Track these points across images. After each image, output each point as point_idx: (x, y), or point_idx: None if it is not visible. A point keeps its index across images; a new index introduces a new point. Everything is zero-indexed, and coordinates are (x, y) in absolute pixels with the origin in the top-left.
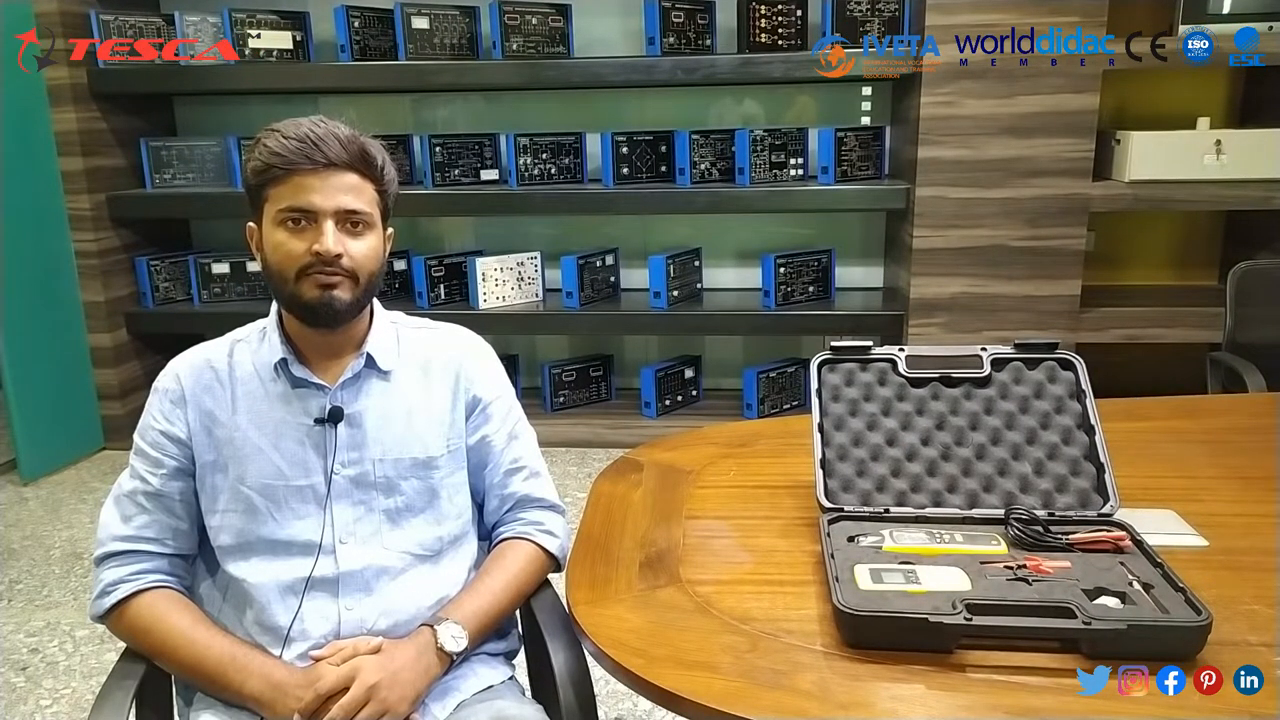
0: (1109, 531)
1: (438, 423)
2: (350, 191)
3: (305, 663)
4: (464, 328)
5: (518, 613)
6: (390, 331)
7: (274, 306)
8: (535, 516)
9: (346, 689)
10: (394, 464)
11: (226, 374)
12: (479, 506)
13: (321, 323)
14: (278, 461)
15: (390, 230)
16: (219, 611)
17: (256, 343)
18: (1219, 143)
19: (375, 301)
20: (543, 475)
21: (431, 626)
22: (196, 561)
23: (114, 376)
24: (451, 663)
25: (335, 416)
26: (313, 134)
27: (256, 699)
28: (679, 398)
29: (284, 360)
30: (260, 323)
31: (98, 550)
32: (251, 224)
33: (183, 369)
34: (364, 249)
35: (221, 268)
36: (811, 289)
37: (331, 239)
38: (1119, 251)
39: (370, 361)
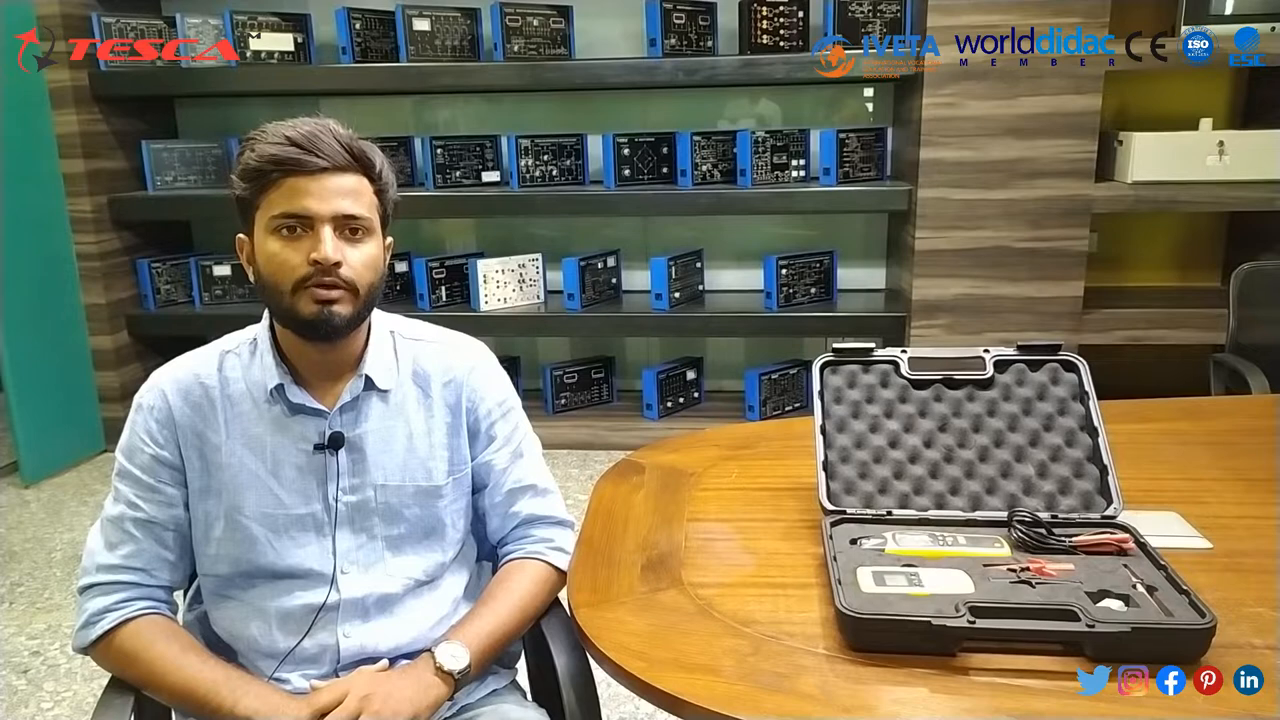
0: (1112, 534)
1: (441, 448)
2: (349, 195)
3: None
4: (464, 335)
5: None
6: (387, 344)
7: (265, 319)
8: (545, 534)
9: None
10: (396, 490)
11: (217, 391)
12: (480, 522)
13: (320, 338)
14: (276, 490)
15: (389, 240)
16: (213, 644)
17: (248, 356)
18: (1221, 144)
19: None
20: (551, 491)
21: (431, 649)
22: (188, 593)
23: (115, 379)
24: (457, 683)
25: (336, 443)
26: (306, 133)
27: (251, 717)
28: (680, 399)
29: (280, 385)
30: (250, 331)
31: (82, 579)
32: (241, 235)
33: (168, 385)
34: (363, 258)
35: (223, 270)
36: (813, 290)
37: (330, 246)
38: (1122, 253)
39: (369, 383)
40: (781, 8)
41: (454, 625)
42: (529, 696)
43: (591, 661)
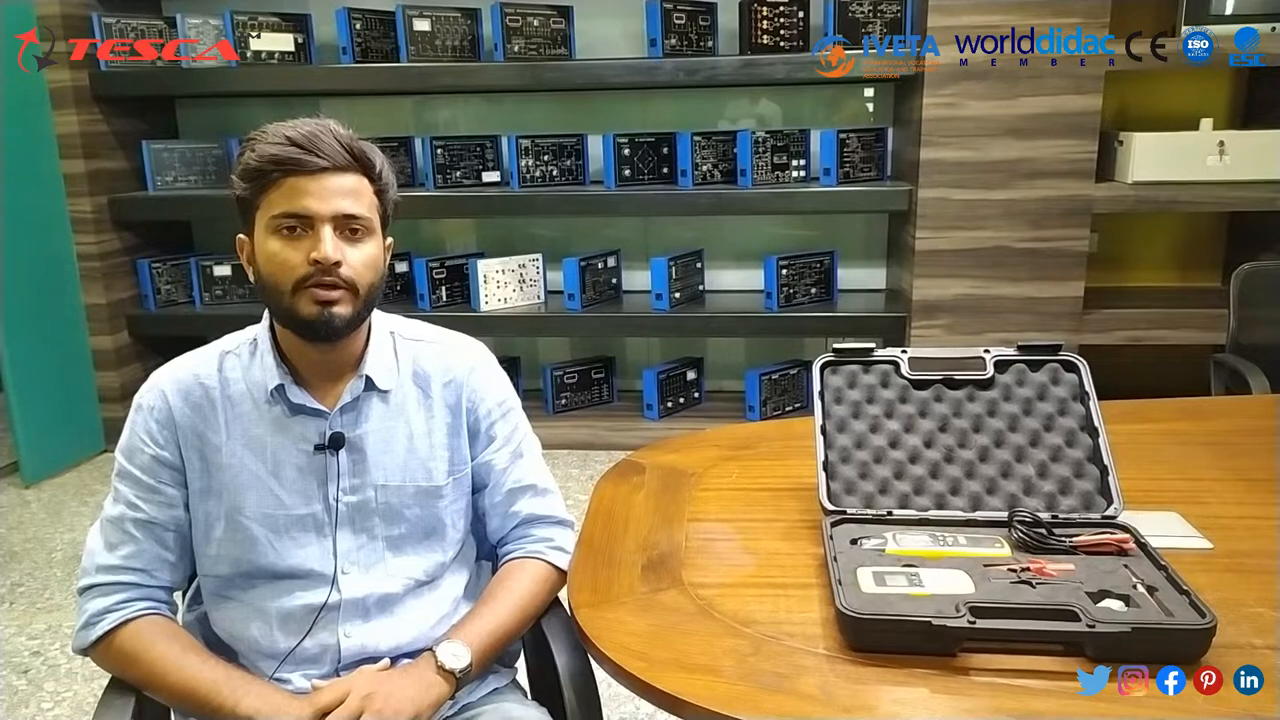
0: (1113, 534)
1: (441, 448)
2: (349, 195)
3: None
4: (464, 335)
5: None
6: (387, 344)
7: (265, 319)
8: (545, 533)
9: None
10: (396, 491)
11: (218, 392)
12: (480, 521)
13: (320, 339)
14: (277, 490)
15: (389, 240)
16: (213, 644)
17: (248, 357)
18: (1222, 144)
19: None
20: (551, 491)
21: (432, 648)
22: (188, 593)
23: (115, 379)
24: (458, 682)
25: (336, 443)
26: (306, 133)
27: (252, 716)
28: (681, 400)
29: (281, 385)
30: (250, 331)
31: (82, 580)
32: (242, 236)
33: (168, 386)
34: (363, 258)
35: (223, 270)
36: (814, 291)
37: (330, 245)
38: (1122, 253)
39: (369, 384)
40: (782, 8)
41: (455, 624)
42: (529, 695)
43: (592, 661)
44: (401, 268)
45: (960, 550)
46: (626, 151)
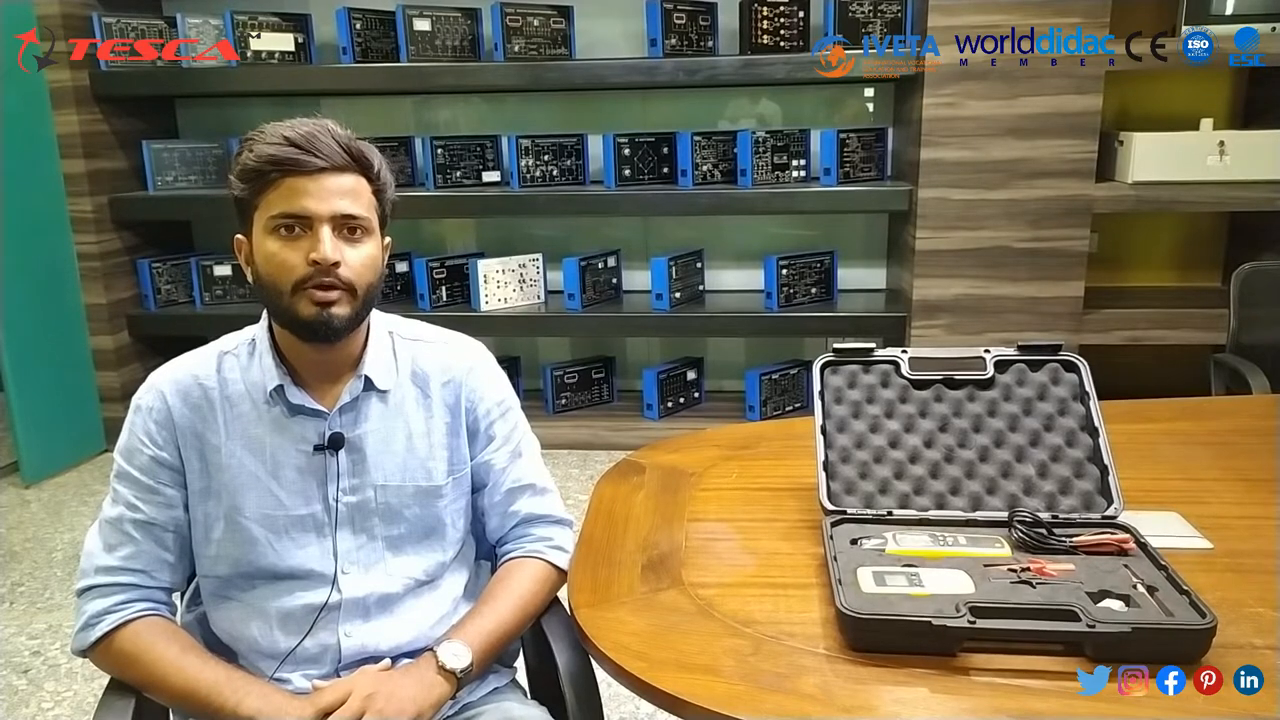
0: (1113, 534)
1: (440, 447)
2: (347, 195)
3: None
4: (463, 335)
5: None
6: (386, 344)
7: (264, 319)
8: (544, 532)
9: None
10: (396, 491)
11: (216, 393)
12: (479, 521)
13: (319, 339)
14: (276, 491)
15: (388, 240)
16: (212, 644)
17: (246, 358)
18: (1222, 144)
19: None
20: (550, 490)
21: (433, 648)
22: (186, 594)
23: (116, 379)
24: (459, 682)
25: (336, 444)
26: (304, 133)
27: (253, 717)
28: (681, 400)
29: (280, 386)
30: (249, 331)
31: (80, 581)
32: (240, 236)
33: (167, 386)
34: (362, 258)
35: (223, 270)
36: (814, 290)
37: (329, 246)
38: (1122, 253)
39: (368, 384)
40: (782, 8)
41: (455, 624)
42: (528, 695)
43: (592, 661)
44: (402, 268)
45: (960, 550)
46: (626, 151)
